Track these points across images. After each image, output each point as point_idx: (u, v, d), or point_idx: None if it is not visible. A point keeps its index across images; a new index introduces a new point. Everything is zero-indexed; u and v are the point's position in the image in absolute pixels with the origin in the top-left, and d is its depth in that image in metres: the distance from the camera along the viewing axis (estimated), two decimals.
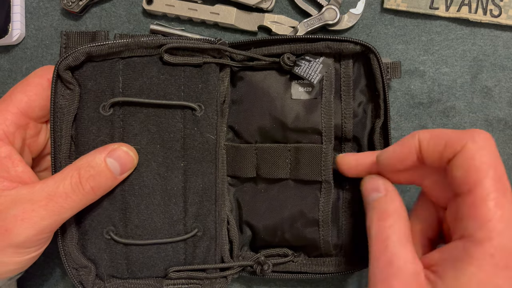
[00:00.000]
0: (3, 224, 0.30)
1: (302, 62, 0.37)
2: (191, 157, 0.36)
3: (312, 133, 0.38)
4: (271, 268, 0.37)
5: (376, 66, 0.37)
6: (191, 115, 0.36)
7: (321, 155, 0.37)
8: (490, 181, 0.26)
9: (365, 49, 0.37)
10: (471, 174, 0.27)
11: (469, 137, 0.28)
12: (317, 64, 0.37)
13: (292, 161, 0.38)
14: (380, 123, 0.37)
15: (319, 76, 0.37)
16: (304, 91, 0.38)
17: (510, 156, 0.42)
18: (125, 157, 0.34)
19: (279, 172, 0.38)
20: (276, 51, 0.37)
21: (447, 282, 0.26)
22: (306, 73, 0.37)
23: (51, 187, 0.31)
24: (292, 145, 0.38)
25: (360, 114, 0.39)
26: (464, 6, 0.41)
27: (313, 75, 0.37)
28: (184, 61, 0.35)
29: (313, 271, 0.38)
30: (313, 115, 0.38)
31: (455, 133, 0.29)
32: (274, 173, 0.38)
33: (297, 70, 0.37)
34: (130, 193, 0.35)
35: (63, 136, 0.34)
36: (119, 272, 0.36)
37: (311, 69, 0.37)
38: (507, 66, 0.42)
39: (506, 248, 0.25)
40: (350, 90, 0.38)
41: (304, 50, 0.37)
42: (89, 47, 0.33)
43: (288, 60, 0.37)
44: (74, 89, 0.34)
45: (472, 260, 0.26)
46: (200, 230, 0.37)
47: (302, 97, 0.38)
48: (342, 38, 0.37)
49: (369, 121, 0.39)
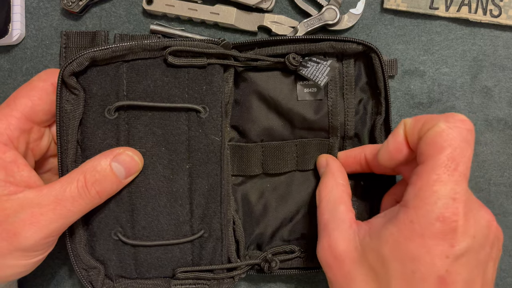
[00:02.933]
0: (11, 228, 0.30)
1: (309, 64, 0.37)
2: (196, 159, 0.36)
3: (319, 130, 0.39)
4: (278, 265, 0.38)
5: (378, 65, 0.37)
6: (195, 117, 0.36)
7: (328, 147, 0.39)
8: (443, 157, 0.27)
9: (367, 49, 0.37)
10: (430, 147, 0.28)
11: (444, 117, 0.29)
12: (325, 67, 0.37)
13: (299, 154, 0.39)
14: (381, 119, 0.38)
15: (326, 79, 0.36)
16: (310, 92, 0.39)
17: (510, 156, 0.43)
18: (130, 161, 0.34)
19: (286, 166, 0.40)
20: (281, 51, 0.37)
21: (372, 236, 0.30)
22: (313, 75, 0.37)
23: (58, 191, 0.31)
24: (298, 140, 0.39)
25: (361, 111, 0.40)
26: (464, 6, 0.41)
27: (320, 78, 0.37)
28: (188, 63, 0.35)
29: (318, 267, 0.38)
30: (320, 116, 0.39)
31: (435, 115, 0.30)
32: (281, 168, 0.40)
33: (304, 71, 0.37)
34: (137, 195, 0.35)
35: (69, 141, 0.34)
36: (128, 273, 0.36)
37: (318, 71, 0.37)
38: (507, 66, 0.42)
39: (428, 220, 0.27)
40: (352, 89, 0.39)
41: (309, 50, 0.37)
42: (93, 52, 0.33)
43: (293, 60, 0.37)
44: (79, 94, 0.34)
45: (395, 221, 0.28)
46: (206, 231, 0.37)
47: (307, 98, 0.38)
48: (345, 38, 0.37)
49: (369, 118, 0.39)
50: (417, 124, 0.30)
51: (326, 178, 0.37)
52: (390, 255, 0.28)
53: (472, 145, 0.28)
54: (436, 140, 0.28)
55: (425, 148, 0.28)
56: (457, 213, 0.27)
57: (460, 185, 0.27)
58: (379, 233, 0.29)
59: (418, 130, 0.30)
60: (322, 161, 0.39)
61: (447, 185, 0.27)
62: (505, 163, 0.43)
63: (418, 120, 0.30)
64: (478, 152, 0.43)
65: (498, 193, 0.43)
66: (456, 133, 0.28)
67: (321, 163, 0.39)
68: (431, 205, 0.27)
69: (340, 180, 0.36)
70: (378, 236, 0.29)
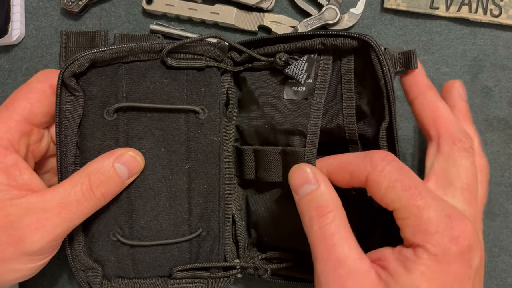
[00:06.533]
0: (17, 234, 0.30)
1: (291, 61, 0.36)
2: (195, 159, 0.36)
3: (299, 135, 0.35)
4: (268, 273, 0.37)
5: (376, 61, 0.33)
6: (194, 118, 0.36)
7: (303, 160, 0.34)
8: (403, 194, 0.28)
9: (363, 43, 0.33)
10: (384, 200, 0.29)
11: (368, 167, 0.29)
12: (302, 63, 0.35)
13: (283, 165, 0.36)
14: (385, 124, 0.33)
15: (305, 75, 0.35)
16: (297, 91, 0.36)
17: (510, 156, 0.42)
18: (132, 161, 0.34)
19: (273, 175, 0.36)
20: (271, 51, 0.36)
21: (399, 279, 0.27)
22: (294, 73, 0.35)
23: (62, 195, 0.31)
24: (280, 148, 0.36)
25: (368, 113, 0.35)
26: (464, 5, 0.41)
27: (299, 74, 0.35)
28: (187, 65, 0.35)
29: (311, 279, 0.37)
30: (301, 116, 0.35)
31: (356, 163, 0.30)
32: (269, 177, 0.37)
33: (287, 70, 0.35)
34: (136, 196, 0.35)
35: (68, 143, 0.34)
36: (126, 273, 0.36)
37: (297, 68, 0.35)
38: (507, 66, 0.42)
39: (444, 247, 0.27)
40: (351, 89, 0.35)
41: (297, 49, 0.35)
42: (93, 53, 0.33)
43: (279, 60, 0.35)
44: (79, 96, 0.34)
45: (420, 260, 0.27)
46: (204, 230, 0.37)
47: (295, 97, 0.36)
48: (336, 33, 0.34)
49: (376, 121, 0.35)
50: (344, 176, 0.31)
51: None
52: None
53: (402, 165, 0.29)
54: (381, 190, 0.28)
55: (381, 199, 0.29)
56: (465, 230, 0.27)
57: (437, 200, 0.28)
58: (407, 277, 0.27)
59: (347, 183, 0.31)
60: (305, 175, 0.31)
61: (431, 204, 0.28)
62: (506, 163, 0.43)
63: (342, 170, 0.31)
64: None
65: (498, 193, 0.43)
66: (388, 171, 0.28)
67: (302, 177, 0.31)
68: (437, 232, 0.27)
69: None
70: (407, 281, 0.28)
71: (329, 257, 0.28)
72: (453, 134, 0.31)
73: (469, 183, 0.31)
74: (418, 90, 0.34)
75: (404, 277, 0.27)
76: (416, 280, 0.27)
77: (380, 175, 0.28)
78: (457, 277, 0.27)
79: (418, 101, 0.33)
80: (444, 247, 0.27)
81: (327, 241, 0.28)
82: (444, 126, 0.32)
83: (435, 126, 0.32)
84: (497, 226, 0.43)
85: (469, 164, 0.31)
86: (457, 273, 0.27)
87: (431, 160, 0.32)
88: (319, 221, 0.29)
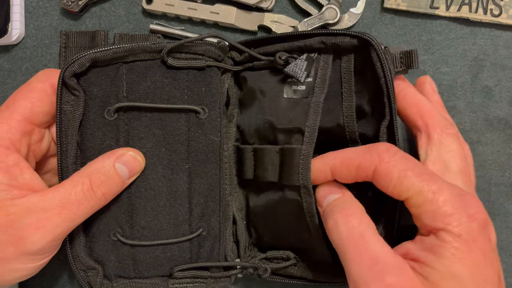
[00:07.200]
0: (18, 233, 0.30)
1: (291, 60, 0.36)
2: (196, 159, 0.36)
3: (297, 133, 0.35)
4: (268, 273, 0.37)
5: (376, 59, 0.33)
6: (195, 118, 0.36)
7: (299, 158, 0.34)
8: (415, 180, 0.28)
9: (363, 41, 0.33)
10: (397, 189, 0.29)
11: (375, 159, 0.30)
12: (302, 62, 0.35)
13: (280, 164, 0.36)
14: (386, 122, 0.33)
15: (304, 74, 0.35)
16: (297, 89, 0.36)
17: (510, 156, 0.42)
18: (133, 161, 0.34)
19: (269, 175, 0.36)
20: (271, 50, 0.37)
21: (434, 266, 0.28)
22: (294, 71, 0.36)
23: (63, 195, 0.31)
24: (279, 147, 0.36)
25: (369, 112, 0.35)
26: (464, 5, 0.41)
27: (299, 73, 0.35)
28: (188, 65, 0.35)
29: (311, 279, 0.38)
30: (299, 114, 0.35)
31: (362, 157, 0.30)
32: (265, 176, 0.36)
33: (287, 69, 0.36)
34: (137, 196, 0.35)
35: (69, 143, 0.34)
36: (126, 272, 0.36)
37: (297, 67, 0.35)
38: (508, 66, 0.42)
39: (465, 226, 0.28)
40: (351, 87, 0.35)
41: (297, 48, 0.36)
42: (94, 53, 0.33)
43: (279, 59, 0.36)
44: (79, 95, 0.34)
45: (447, 243, 0.28)
46: (205, 229, 0.37)
47: (295, 96, 0.36)
48: (336, 31, 0.34)
49: (376, 120, 0.35)
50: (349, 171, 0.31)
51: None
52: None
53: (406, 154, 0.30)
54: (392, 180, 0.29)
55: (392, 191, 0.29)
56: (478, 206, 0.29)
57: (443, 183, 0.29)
58: (440, 263, 0.28)
59: (353, 177, 0.31)
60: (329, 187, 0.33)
61: (444, 188, 0.28)
62: (506, 163, 0.43)
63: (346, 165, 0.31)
64: (478, 152, 0.42)
65: (498, 193, 0.43)
66: (396, 162, 0.29)
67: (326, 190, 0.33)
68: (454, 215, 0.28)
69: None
70: (442, 266, 0.28)
71: (363, 257, 0.28)
72: (440, 122, 0.33)
73: (464, 166, 0.32)
74: (399, 87, 0.35)
75: (438, 263, 0.28)
76: (450, 262, 0.27)
77: (389, 166, 0.29)
78: (484, 252, 0.28)
79: (400, 97, 0.35)
80: (465, 226, 0.27)
81: (357, 242, 0.29)
82: (430, 116, 0.34)
83: (421, 117, 0.34)
84: (497, 226, 0.43)
85: (460, 148, 0.33)
86: (483, 248, 0.28)
87: (424, 149, 0.33)
88: (346, 224, 0.30)
